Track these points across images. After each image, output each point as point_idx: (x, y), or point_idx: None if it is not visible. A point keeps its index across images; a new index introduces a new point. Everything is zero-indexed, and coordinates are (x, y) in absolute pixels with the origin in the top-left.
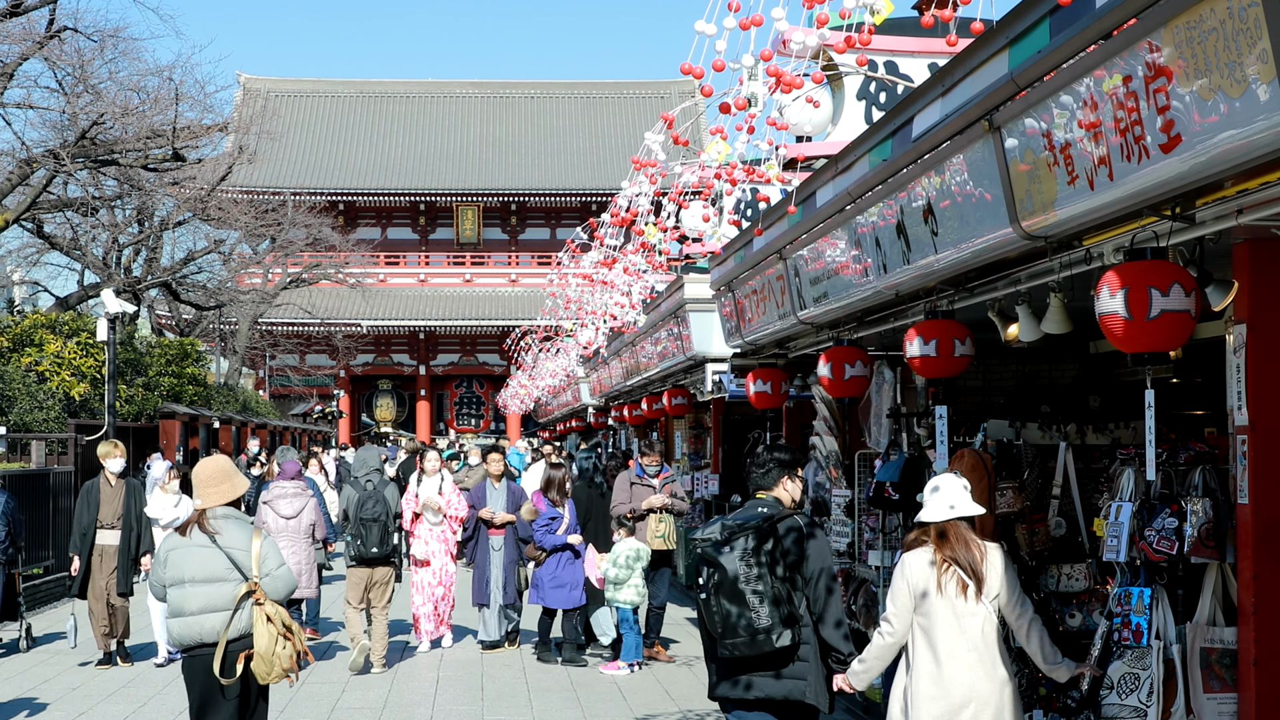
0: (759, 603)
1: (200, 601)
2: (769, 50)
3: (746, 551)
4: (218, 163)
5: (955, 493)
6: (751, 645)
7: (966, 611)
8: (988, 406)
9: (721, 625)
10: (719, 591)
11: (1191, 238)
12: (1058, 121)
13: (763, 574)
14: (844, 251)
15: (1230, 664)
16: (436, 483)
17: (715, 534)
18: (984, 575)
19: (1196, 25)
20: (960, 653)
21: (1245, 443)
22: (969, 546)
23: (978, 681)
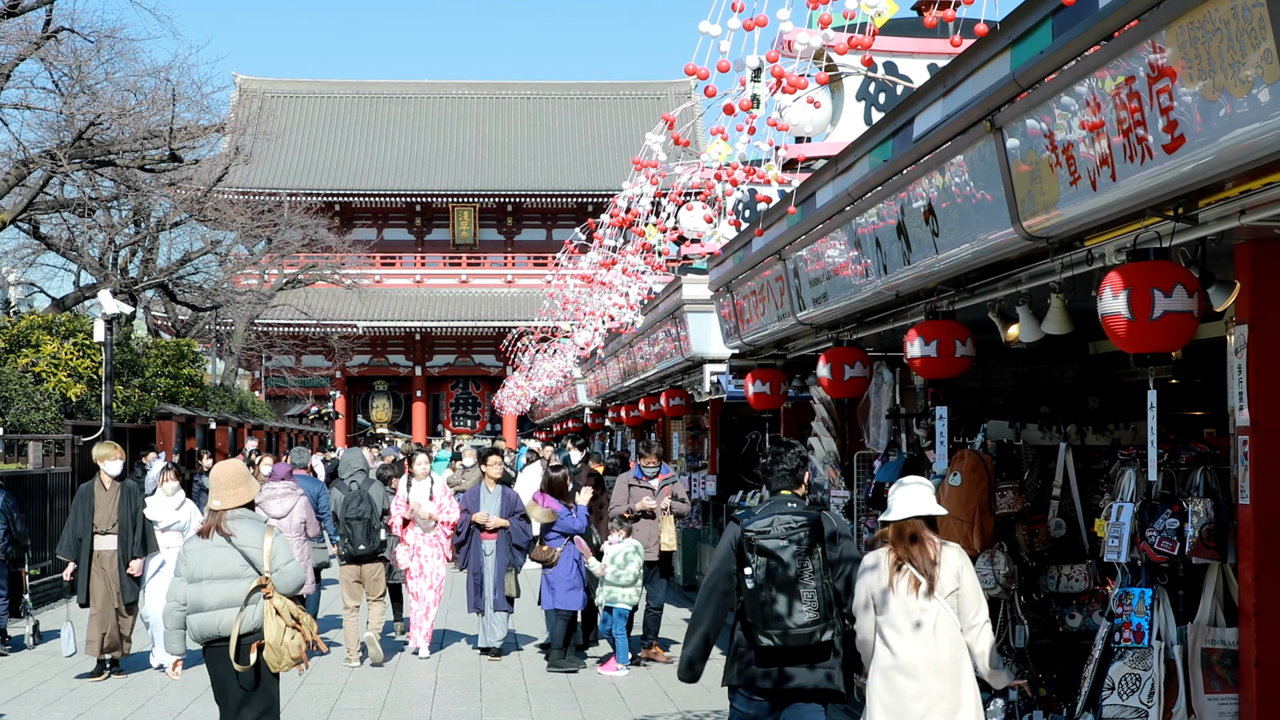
0: (811, 597)
1: (218, 598)
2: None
3: (804, 547)
4: (214, 164)
5: (918, 494)
6: (798, 638)
7: (919, 609)
8: (987, 407)
9: (768, 618)
10: (772, 582)
11: (1194, 238)
12: (1060, 122)
13: (816, 570)
14: (844, 252)
15: (1231, 665)
16: (426, 487)
17: (771, 527)
18: (936, 575)
19: (1200, 25)
20: (914, 649)
21: (1247, 443)
22: (924, 546)
23: (929, 677)
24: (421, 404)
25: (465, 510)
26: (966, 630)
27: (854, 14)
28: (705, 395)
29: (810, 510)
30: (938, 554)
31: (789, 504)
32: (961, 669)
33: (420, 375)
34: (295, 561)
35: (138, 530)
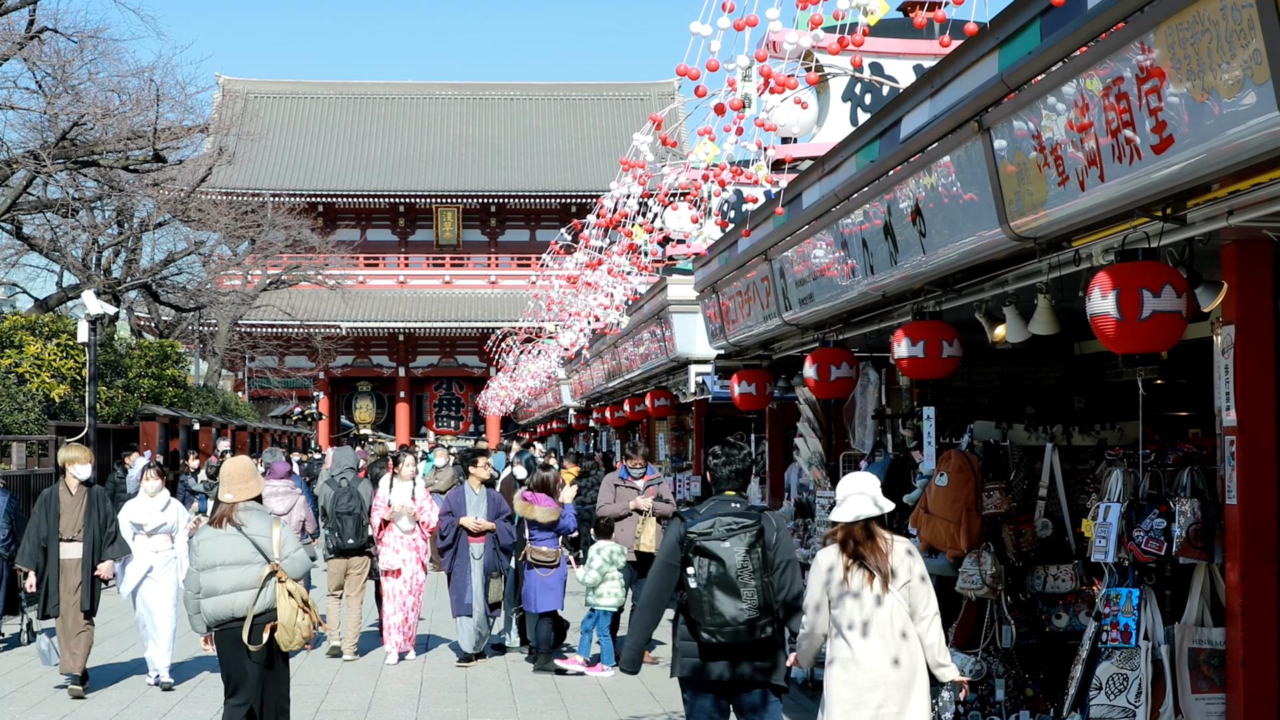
0: (750, 595)
1: (231, 582)
2: (763, 51)
3: (746, 546)
4: (197, 164)
5: (867, 493)
6: (739, 633)
7: (873, 602)
8: (973, 408)
9: (711, 614)
10: (714, 582)
11: (1181, 239)
12: (1048, 123)
13: (756, 569)
14: (830, 253)
15: (1218, 664)
16: (409, 488)
17: (712, 528)
18: (888, 569)
19: (1189, 26)
20: (868, 641)
21: (1234, 444)
22: (875, 542)
23: (885, 668)
24: (405, 405)
25: (449, 512)
26: (918, 622)
27: (843, 14)
28: (690, 396)
29: (752, 511)
30: (889, 549)
31: (732, 504)
32: (914, 660)
33: (404, 376)
34: (302, 549)
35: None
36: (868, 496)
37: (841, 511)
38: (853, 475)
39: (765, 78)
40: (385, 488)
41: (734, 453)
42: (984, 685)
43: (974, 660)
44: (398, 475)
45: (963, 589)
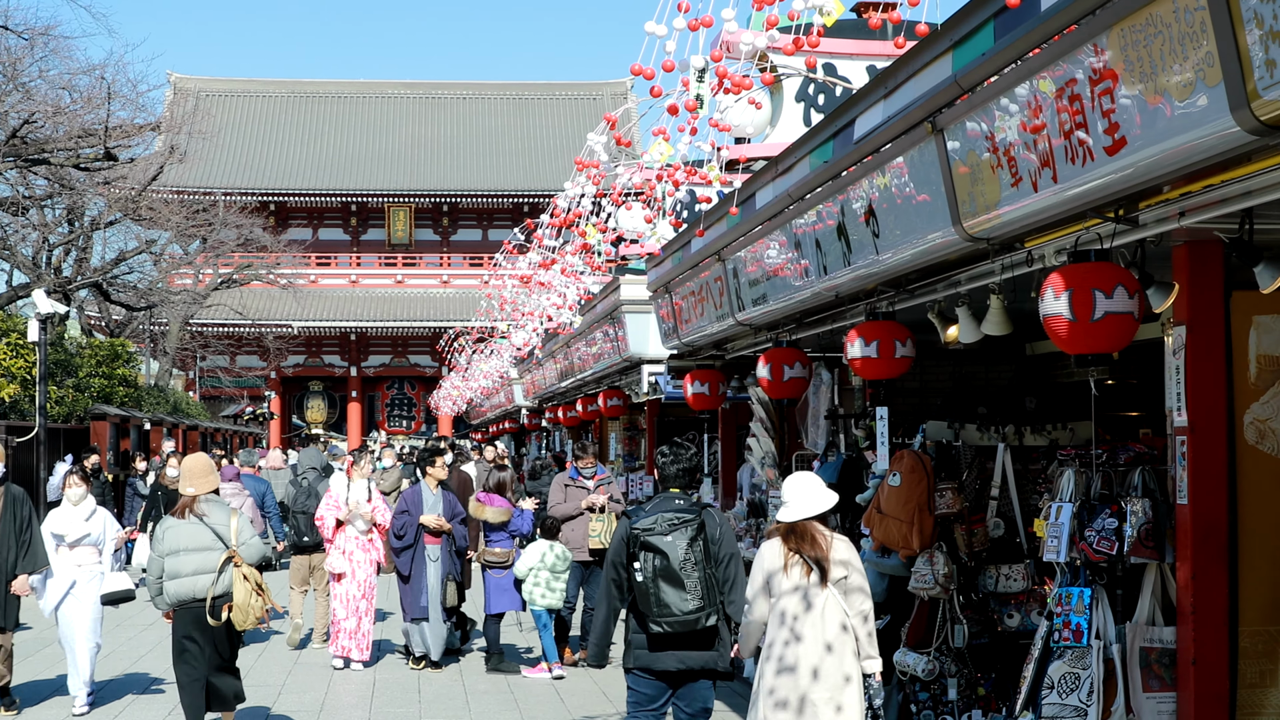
0: (694, 587)
1: (193, 566)
2: (718, 51)
3: (688, 540)
4: (149, 162)
5: (811, 493)
6: (685, 624)
7: (810, 595)
8: (925, 408)
9: (657, 605)
10: (660, 575)
11: (1133, 240)
12: (1001, 124)
13: (699, 561)
14: (783, 253)
15: (1169, 663)
16: (364, 488)
17: (655, 524)
18: (827, 565)
19: (1142, 28)
20: (803, 632)
21: (1184, 444)
22: (815, 539)
23: (818, 658)
24: (357, 404)
25: (406, 511)
26: (852, 615)
27: (799, 15)
28: (643, 396)
29: (695, 507)
30: (828, 545)
31: (676, 500)
32: (847, 650)
33: (355, 376)
34: (257, 537)
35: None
36: (813, 496)
37: (788, 512)
38: (798, 475)
39: (720, 78)
40: (340, 487)
41: (681, 452)
42: (937, 684)
43: (927, 659)
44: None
45: (915, 588)
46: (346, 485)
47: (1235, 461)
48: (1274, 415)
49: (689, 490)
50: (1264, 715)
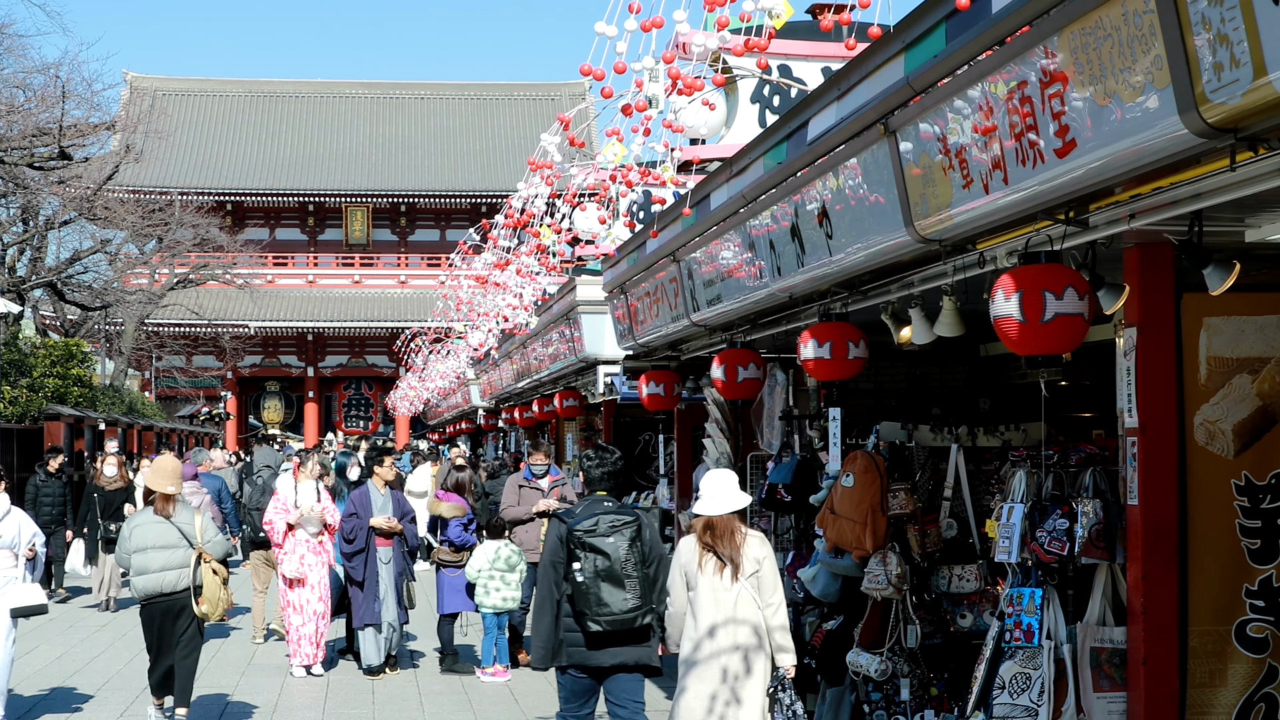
0: (634, 586)
1: (160, 562)
2: (670, 53)
3: (628, 541)
4: (104, 161)
5: (727, 490)
6: (622, 622)
7: (723, 588)
8: (879, 409)
9: (597, 604)
10: (601, 575)
11: (1084, 242)
12: (953, 126)
13: (637, 562)
14: (738, 254)
15: (1120, 663)
16: (313, 489)
17: (596, 525)
18: (740, 560)
19: (1092, 31)
20: (717, 621)
21: (1135, 445)
22: (730, 534)
23: (730, 649)
24: (314, 405)
25: (355, 514)
26: (764, 607)
27: (750, 16)
28: (599, 396)
29: (629, 509)
30: (742, 541)
31: (605, 503)
32: (758, 640)
33: (312, 376)
34: (221, 534)
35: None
36: (729, 492)
37: (705, 506)
38: (715, 472)
39: (673, 79)
40: (288, 488)
41: (606, 456)
42: (889, 685)
43: (879, 660)
44: (303, 474)
45: (868, 589)
46: (294, 487)
47: (1185, 462)
48: (1224, 416)
49: (614, 493)
50: (1213, 714)
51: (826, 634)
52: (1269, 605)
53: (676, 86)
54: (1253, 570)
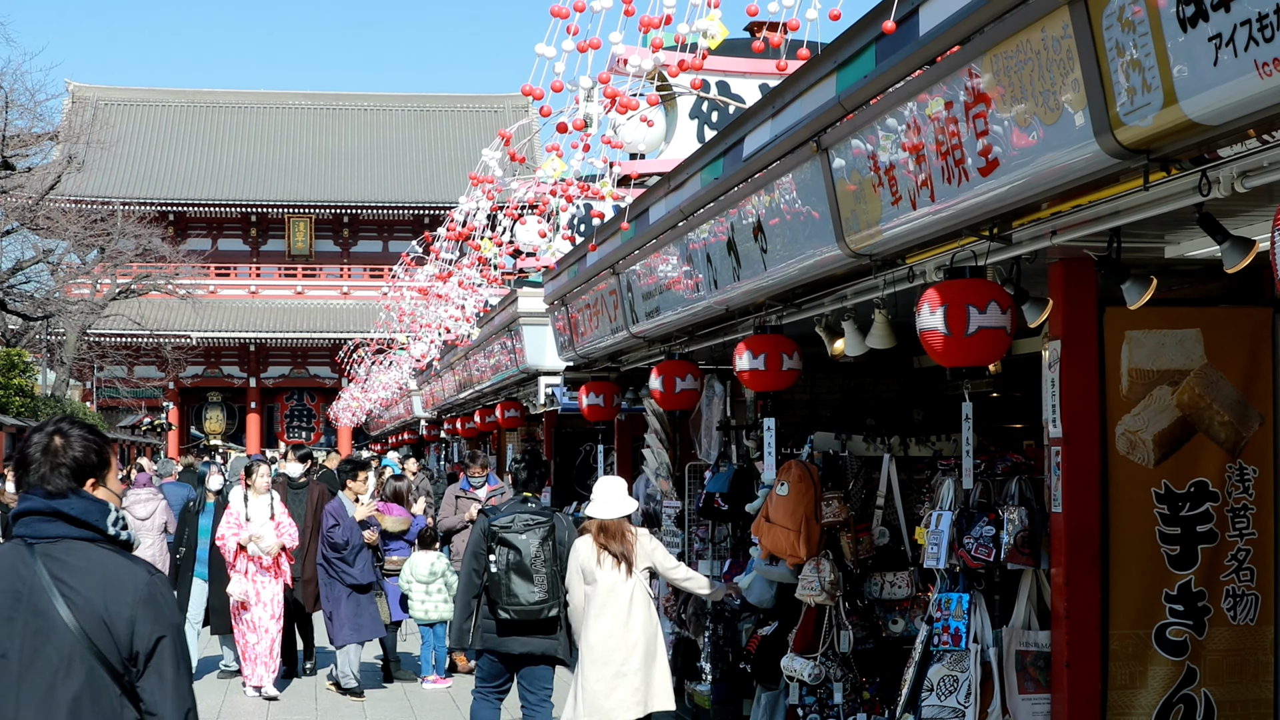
0: (541, 581)
1: None
2: (607, 73)
3: (540, 539)
4: (46, 171)
5: (619, 495)
6: (530, 613)
7: (619, 582)
8: (814, 419)
9: (508, 595)
10: (511, 568)
11: (1009, 257)
12: (883, 144)
13: (547, 559)
14: (676, 267)
15: (1044, 666)
16: (266, 504)
17: (510, 521)
18: (633, 558)
19: (1014, 55)
20: (615, 613)
21: (1059, 454)
22: (622, 535)
23: (626, 634)
24: (256, 415)
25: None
26: (673, 571)
27: (685, 38)
28: (540, 407)
29: (546, 510)
30: (634, 539)
31: (529, 504)
32: (654, 629)
33: (255, 387)
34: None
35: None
36: (621, 497)
37: (600, 509)
38: (609, 479)
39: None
40: (239, 502)
41: (532, 460)
42: (823, 688)
43: (813, 664)
44: (251, 488)
45: (802, 595)
46: (245, 500)
47: (1107, 471)
48: (1145, 427)
49: (538, 494)
50: (1134, 715)
51: (762, 639)
52: (1188, 610)
53: (615, 103)
54: (1172, 576)
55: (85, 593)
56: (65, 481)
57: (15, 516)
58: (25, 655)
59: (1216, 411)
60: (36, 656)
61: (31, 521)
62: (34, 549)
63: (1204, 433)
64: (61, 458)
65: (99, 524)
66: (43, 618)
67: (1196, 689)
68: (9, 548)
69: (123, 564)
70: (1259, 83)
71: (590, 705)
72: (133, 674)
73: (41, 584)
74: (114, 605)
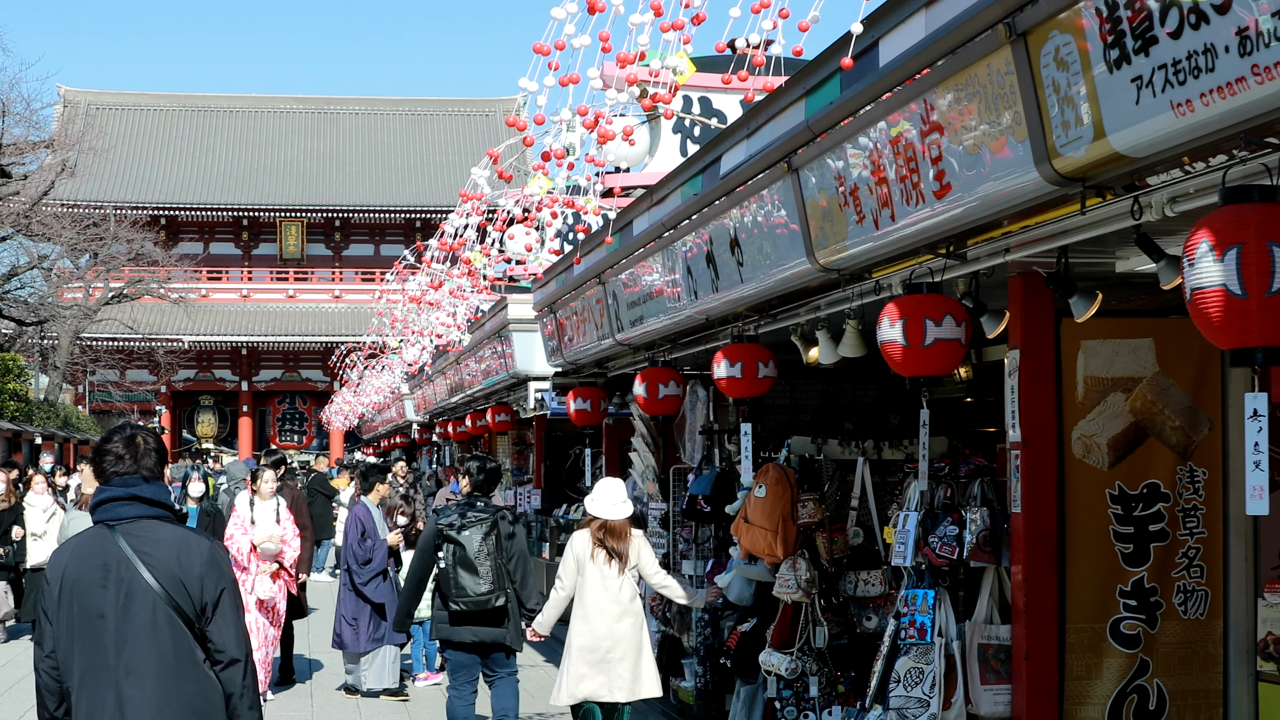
0: (486, 573)
1: None
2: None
3: (482, 536)
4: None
5: (619, 497)
6: (478, 603)
7: (612, 576)
8: (794, 424)
9: (456, 588)
10: (458, 562)
11: (965, 273)
12: (848, 166)
13: (490, 552)
14: (659, 278)
15: (1005, 658)
16: (273, 508)
17: (457, 521)
18: (626, 554)
19: (963, 88)
20: (605, 605)
21: (1018, 457)
22: (618, 533)
23: (617, 625)
24: (248, 419)
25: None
26: (652, 576)
27: (659, 73)
28: (530, 411)
29: (491, 509)
30: (627, 537)
31: (478, 504)
32: (640, 620)
33: (247, 390)
34: None
35: None
36: (624, 499)
37: (600, 507)
38: (609, 480)
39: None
40: (245, 506)
41: (485, 464)
42: (799, 682)
43: (790, 659)
44: (258, 494)
45: (779, 593)
46: (250, 504)
47: (1064, 474)
48: (1099, 432)
49: (489, 494)
50: (1089, 705)
51: (741, 635)
52: (1141, 604)
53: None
54: (1126, 572)
55: (162, 559)
56: (146, 471)
57: (96, 505)
58: (119, 614)
59: (1168, 417)
60: (128, 614)
61: (111, 507)
62: (115, 529)
63: (1156, 437)
64: (141, 453)
65: (167, 502)
66: (130, 583)
67: (1149, 680)
68: (95, 531)
69: (188, 534)
70: (1174, 120)
71: (578, 690)
72: (203, 622)
73: (126, 556)
74: (186, 567)
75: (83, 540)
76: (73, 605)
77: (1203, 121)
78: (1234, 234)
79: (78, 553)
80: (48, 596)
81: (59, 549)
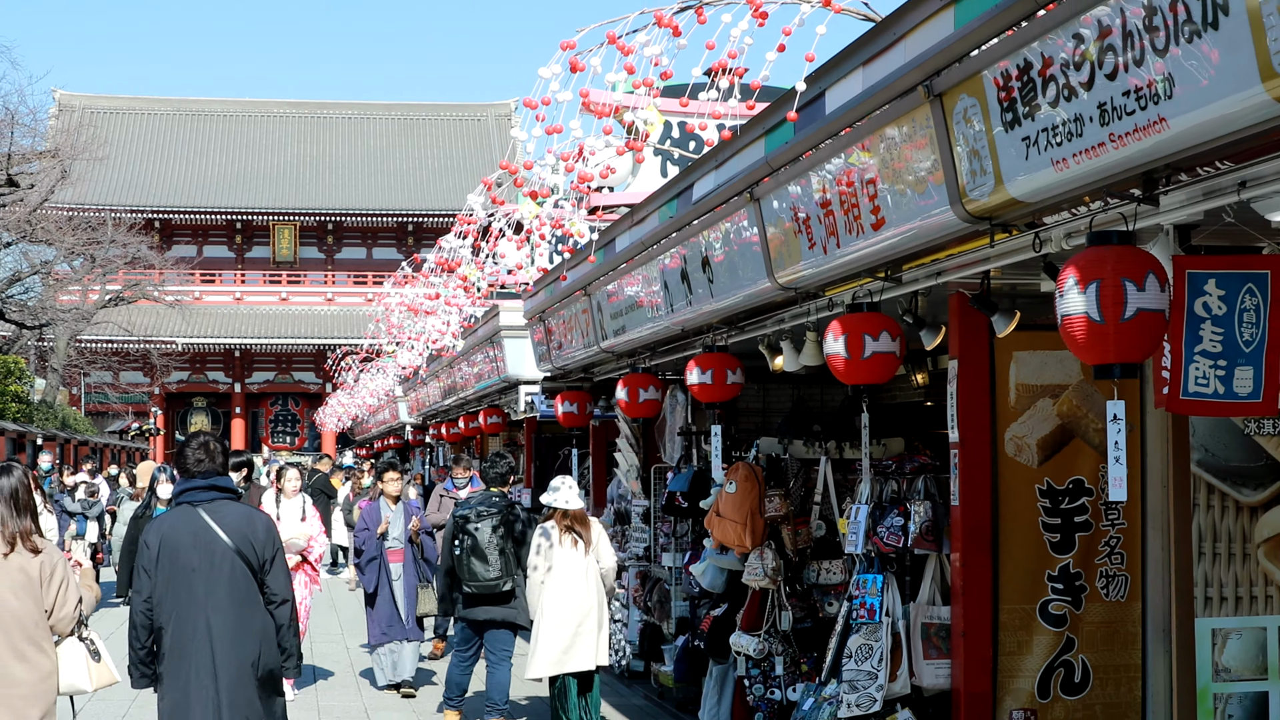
0: (495, 560)
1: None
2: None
3: (492, 527)
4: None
5: (575, 489)
6: (488, 587)
7: (577, 559)
8: (766, 426)
9: (468, 573)
10: (469, 552)
11: (905, 293)
12: (801, 198)
13: (500, 542)
14: (639, 291)
15: (945, 636)
16: (298, 506)
17: (470, 513)
18: (589, 539)
19: (892, 136)
20: (573, 585)
21: (957, 456)
22: (582, 521)
23: (583, 602)
24: (241, 420)
25: (367, 528)
26: (605, 560)
27: (633, 123)
28: (520, 414)
29: (503, 501)
30: (589, 526)
31: (493, 497)
32: (602, 599)
33: (239, 392)
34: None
35: None
36: (577, 492)
37: (562, 500)
38: (564, 478)
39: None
40: (272, 504)
41: (498, 461)
42: (766, 662)
43: (758, 641)
44: (282, 492)
45: (748, 580)
46: (276, 502)
47: (998, 471)
48: (1029, 433)
49: (504, 489)
50: (1020, 678)
51: (714, 620)
52: (1067, 588)
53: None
54: (1053, 559)
55: (235, 527)
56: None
57: (179, 494)
58: (205, 566)
59: (1091, 420)
60: (211, 565)
61: (193, 494)
62: (198, 507)
63: (1081, 438)
64: (216, 453)
65: (234, 488)
66: (212, 544)
67: (1075, 655)
68: (182, 509)
69: (251, 510)
70: (1055, 174)
71: (550, 660)
72: (265, 572)
73: (208, 524)
74: (251, 532)
75: (174, 515)
76: (169, 562)
77: (1076, 176)
78: (1095, 270)
79: (172, 524)
80: (147, 557)
81: (155, 521)
